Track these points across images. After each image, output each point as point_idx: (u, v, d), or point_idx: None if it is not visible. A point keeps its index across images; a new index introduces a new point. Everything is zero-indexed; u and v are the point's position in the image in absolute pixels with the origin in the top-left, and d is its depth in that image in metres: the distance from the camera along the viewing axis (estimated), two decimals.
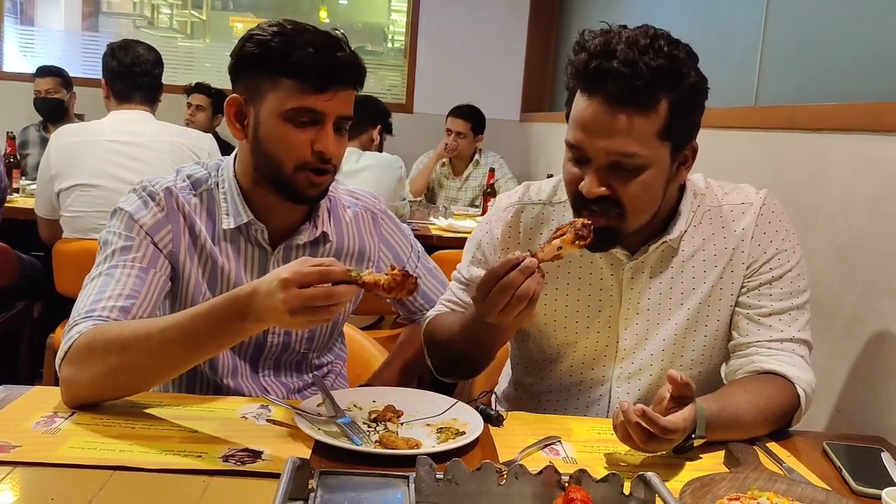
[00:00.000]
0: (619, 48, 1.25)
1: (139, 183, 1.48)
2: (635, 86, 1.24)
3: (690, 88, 1.30)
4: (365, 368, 1.80)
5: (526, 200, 1.54)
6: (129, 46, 2.92)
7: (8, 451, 1.09)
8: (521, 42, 5.82)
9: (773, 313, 1.43)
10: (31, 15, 6.79)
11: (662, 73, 1.25)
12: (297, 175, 1.39)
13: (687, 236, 1.46)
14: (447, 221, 3.88)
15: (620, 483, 0.98)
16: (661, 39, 1.28)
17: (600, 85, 1.27)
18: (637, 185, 1.31)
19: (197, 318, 1.19)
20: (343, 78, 1.37)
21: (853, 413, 1.64)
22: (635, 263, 1.46)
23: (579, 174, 1.33)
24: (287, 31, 1.37)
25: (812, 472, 1.22)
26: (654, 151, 1.30)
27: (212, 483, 1.05)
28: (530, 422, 1.37)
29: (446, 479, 0.98)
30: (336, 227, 1.56)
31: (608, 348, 1.50)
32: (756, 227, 1.46)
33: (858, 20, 1.92)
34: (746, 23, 2.44)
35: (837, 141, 1.78)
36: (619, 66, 1.24)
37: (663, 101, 1.27)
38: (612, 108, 1.27)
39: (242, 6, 7.47)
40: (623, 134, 1.27)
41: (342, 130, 1.42)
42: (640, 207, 1.34)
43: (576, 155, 1.34)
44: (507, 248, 1.52)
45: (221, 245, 1.47)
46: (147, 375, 1.26)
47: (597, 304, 1.49)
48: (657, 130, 1.28)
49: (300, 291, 1.10)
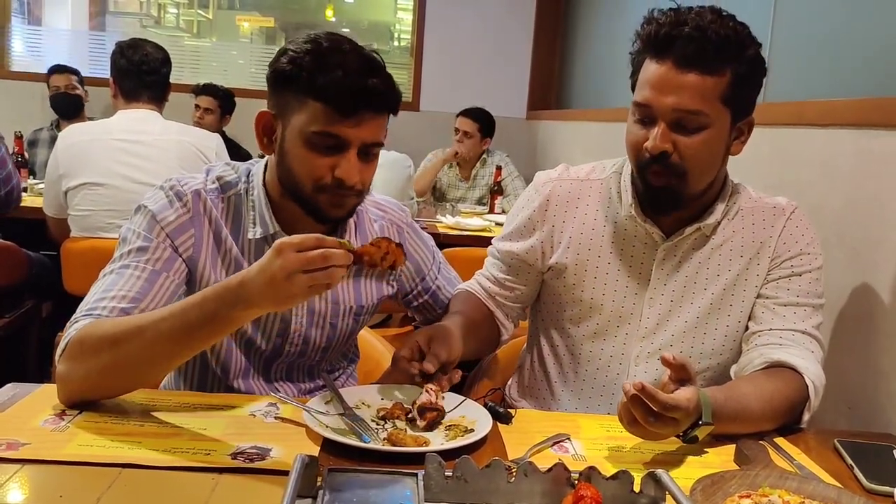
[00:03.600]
0: (690, 17, 1.36)
1: (167, 180, 1.44)
2: (705, 48, 1.34)
3: (752, 61, 1.39)
4: (374, 367, 1.80)
5: (564, 177, 1.62)
6: (137, 45, 2.93)
7: (17, 448, 1.09)
8: (528, 39, 5.81)
9: (788, 304, 1.48)
10: (38, 14, 6.82)
11: (729, 41, 1.35)
12: (319, 196, 1.36)
13: (720, 227, 1.52)
14: (454, 219, 3.88)
15: (630, 480, 0.98)
16: (727, 17, 1.38)
17: (670, 48, 1.36)
18: (698, 142, 1.38)
19: (187, 310, 1.17)
20: (372, 104, 1.32)
21: (864, 410, 1.63)
22: (669, 245, 1.51)
23: (644, 135, 1.40)
24: (320, 50, 1.32)
25: (823, 470, 1.22)
26: (717, 114, 1.37)
27: (220, 481, 1.05)
28: (539, 419, 1.37)
29: (455, 477, 0.98)
30: (362, 241, 1.52)
31: (630, 326, 1.53)
32: (784, 229, 1.52)
33: (866, 16, 1.91)
34: (754, 19, 2.42)
35: (846, 137, 1.77)
36: (691, 30, 1.34)
37: (728, 69, 1.36)
38: (680, 68, 1.35)
39: (248, 5, 7.49)
40: (690, 91, 1.35)
41: (370, 156, 1.37)
42: (700, 168, 1.41)
43: (642, 115, 1.41)
44: (542, 220, 1.59)
45: (247, 253, 1.44)
46: (139, 370, 1.24)
47: (625, 279, 1.54)
48: (720, 94, 1.36)
49: (297, 255, 1.09)
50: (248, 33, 7.42)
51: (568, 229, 1.57)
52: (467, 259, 2.68)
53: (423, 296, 1.69)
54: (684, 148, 1.38)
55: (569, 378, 1.58)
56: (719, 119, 1.38)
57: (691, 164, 1.39)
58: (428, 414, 1.28)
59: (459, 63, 5.78)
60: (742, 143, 1.46)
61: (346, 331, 1.58)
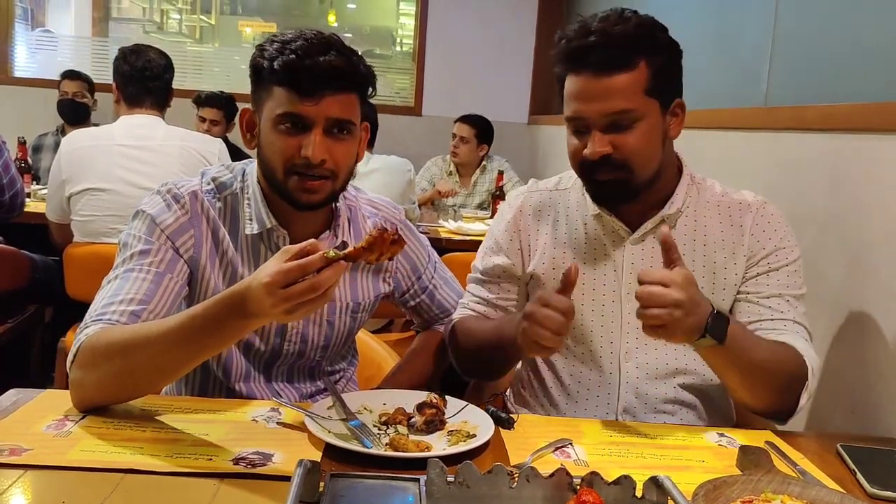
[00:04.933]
0: (594, 26, 1.41)
1: (163, 184, 1.46)
2: (614, 52, 1.39)
3: (665, 48, 1.45)
4: (375, 371, 1.80)
5: (533, 189, 1.68)
6: (140, 51, 2.93)
7: (19, 454, 1.09)
8: (529, 44, 5.82)
9: (772, 296, 1.50)
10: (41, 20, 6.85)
11: (636, 36, 1.40)
12: (288, 180, 1.39)
13: (683, 217, 1.55)
14: (456, 224, 3.89)
15: (633, 485, 0.98)
16: (629, 12, 1.43)
17: (584, 59, 1.41)
18: (635, 136, 1.42)
19: (196, 319, 1.18)
20: (330, 83, 1.35)
21: (867, 414, 1.63)
22: (635, 238, 1.55)
23: (581, 145, 1.45)
24: (283, 40, 1.37)
25: (826, 475, 1.21)
26: (644, 106, 1.42)
27: (222, 486, 1.05)
28: (541, 424, 1.36)
29: (457, 482, 0.98)
30: (356, 237, 1.55)
31: (613, 324, 1.55)
32: (755, 225, 1.54)
33: (868, 20, 1.91)
34: (756, 23, 2.43)
35: (848, 141, 1.77)
36: (597, 38, 1.39)
37: (642, 62, 1.41)
38: (598, 76, 1.40)
39: (251, 10, 7.50)
40: (613, 94, 1.40)
41: (340, 134, 1.39)
42: (643, 159, 1.45)
43: (576, 126, 1.47)
44: (517, 230, 1.63)
45: (242, 251, 1.47)
46: (151, 377, 1.25)
47: (601, 278, 1.56)
48: (643, 87, 1.41)
49: (285, 292, 1.09)
50: (251, 39, 7.43)
51: (542, 237, 1.61)
52: (469, 264, 2.68)
53: (420, 295, 1.70)
54: (622, 145, 1.42)
55: (563, 381, 1.58)
56: (649, 110, 1.42)
57: (632, 158, 1.43)
58: (426, 410, 1.29)
59: (461, 68, 5.79)
60: (679, 124, 1.50)
61: (344, 329, 1.59)
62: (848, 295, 1.71)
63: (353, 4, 7.31)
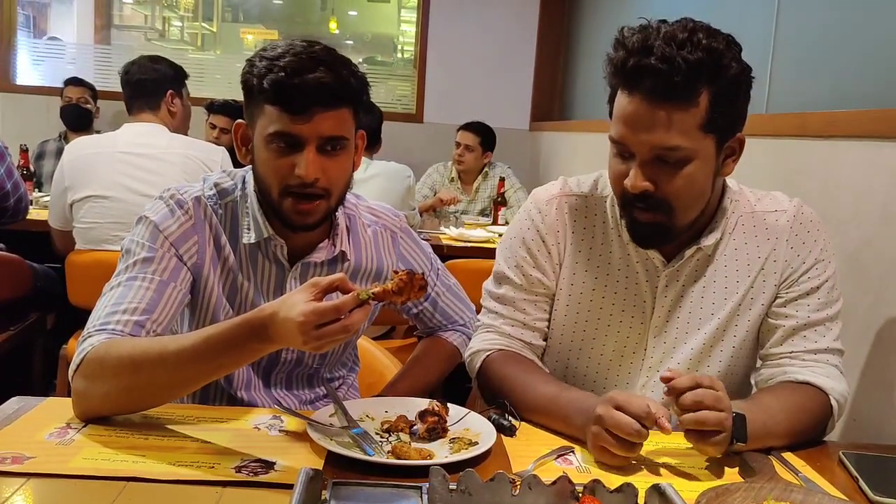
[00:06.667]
0: (657, 44, 1.24)
1: (166, 190, 1.46)
2: (674, 81, 1.24)
3: (732, 80, 1.28)
4: (377, 378, 1.80)
5: (567, 192, 1.52)
6: (137, 60, 2.99)
7: (22, 462, 1.09)
8: (531, 51, 5.82)
9: (808, 325, 1.42)
10: (43, 28, 6.87)
11: (701, 66, 1.24)
12: (283, 201, 1.38)
13: (721, 244, 1.45)
14: (458, 231, 3.88)
15: (635, 493, 0.98)
16: (700, 32, 1.26)
17: (639, 82, 1.26)
18: (682, 178, 1.30)
19: (212, 340, 1.18)
20: (320, 100, 1.32)
21: (869, 422, 1.63)
22: (671, 271, 1.44)
23: (625, 170, 1.33)
24: (272, 55, 1.34)
25: (829, 482, 1.21)
26: (698, 144, 1.29)
27: (224, 494, 1.05)
28: (543, 432, 1.36)
29: (459, 490, 0.97)
30: (354, 246, 1.54)
31: (635, 355, 1.48)
32: (791, 232, 1.45)
33: (869, 27, 1.91)
34: (757, 30, 2.43)
35: (849, 148, 1.77)
36: (657, 62, 1.24)
37: (704, 94, 1.26)
38: (651, 104, 1.26)
39: (253, 18, 7.51)
40: (664, 128, 1.26)
41: (333, 151, 1.37)
42: (687, 202, 1.34)
43: (620, 150, 1.34)
44: (556, 242, 1.48)
45: (241, 260, 1.46)
46: (162, 393, 1.25)
47: (630, 309, 1.47)
48: (699, 123, 1.27)
49: (318, 332, 1.10)
50: (253, 46, 7.45)
51: (573, 250, 1.48)
52: (471, 270, 2.69)
53: (423, 302, 1.69)
54: (666, 184, 1.30)
55: None
56: (702, 148, 1.29)
57: (676, 200, 1.32)
58: (428, 417, 1.29)
59: (463, 75, 5.80)
60: (734, 161, 1.38)
61: None
62: (850, 304, 1.70)
63: (354, 11, 7.33)
